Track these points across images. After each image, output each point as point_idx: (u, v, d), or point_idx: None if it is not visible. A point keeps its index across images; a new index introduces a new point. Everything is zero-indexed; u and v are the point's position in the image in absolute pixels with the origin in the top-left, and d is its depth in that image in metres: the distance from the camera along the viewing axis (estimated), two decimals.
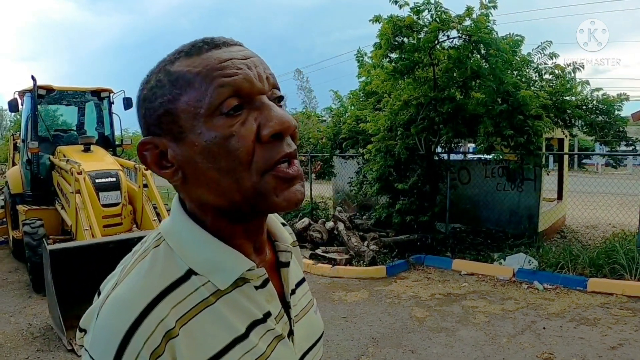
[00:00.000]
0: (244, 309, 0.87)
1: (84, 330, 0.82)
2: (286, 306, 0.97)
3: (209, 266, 0.85)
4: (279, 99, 0.87)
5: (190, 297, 0.81)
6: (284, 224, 1.13)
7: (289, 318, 0.96)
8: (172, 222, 0.91)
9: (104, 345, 0.75)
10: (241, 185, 0.80)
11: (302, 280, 1.10)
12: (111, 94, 10.14)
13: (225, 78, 0.80)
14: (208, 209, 0.87)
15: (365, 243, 9.47)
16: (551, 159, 12.70)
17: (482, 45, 8.59)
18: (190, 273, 0.84)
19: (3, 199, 11.55)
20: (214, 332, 0.82)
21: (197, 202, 0.88)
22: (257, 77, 0.82)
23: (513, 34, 9.37)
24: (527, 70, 9.77)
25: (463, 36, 8.71)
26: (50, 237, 8.13)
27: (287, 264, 1.00)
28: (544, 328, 5.93)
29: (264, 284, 0.91)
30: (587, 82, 9.73)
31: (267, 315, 0.90)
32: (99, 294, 0.86)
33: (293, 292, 1.01)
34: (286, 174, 0.82)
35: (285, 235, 1.05)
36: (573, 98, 9.72)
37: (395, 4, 8.69)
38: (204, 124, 0.79)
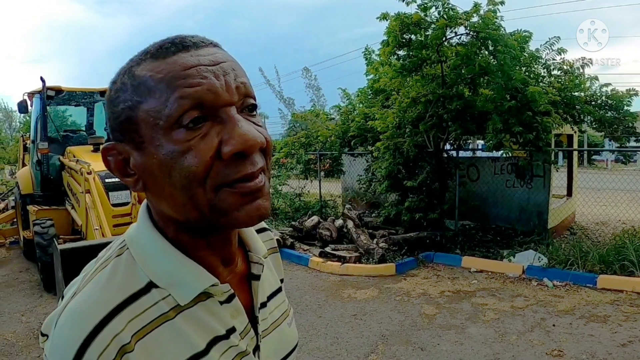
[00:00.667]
0: (205, 325, 0.84)
1: (45, 335, 0.80)
2: (254, 320, 0.94)
3: (170, 280, 0.82)
4: (251, 108, 0.82)
5: (148, 311, 0.79)
6: (264, 229, 1.10)
7: (256, 333, 0.93)
8: (137, 230, 0.88)
9: (59, 356, 0.73)
10: (196, 202, 0.77)
11: (278, 290, 1.07)
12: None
13: (187, 89, 0.74)
14: (169, 221, 0.84)
15: (375, 241, 9.48)
16: (560, 155, 12.64)
17: (490, 42, 8.57)
18: (150, 285, 0.81)
19: (14, 200, 11.63)
20: (172, 347, 0.79)
21: (158, 213, 0.85)
22: (223, 87, 0.77)
23: (521, 30, 9.35)
24: (536, 67, 9.74)
25: (471, 33, 8.68)
26: (61, 236, 8.18)
27: (258, 277, 0.97)
28: (554, 325, 5.91)
29: (229, 299, 0.88)
30: (596, 78, 9.71)
31: (231, 331, 0.87)
32: (63, 298, 0.84)
33: (264, 305, 0.98)
34: (244, 188, 0.78)
35: (259, 245, 1.01)
36: (582, 94, 9.69)
37: (402, 1, 8.69)
38: (163, 136, 0.75)
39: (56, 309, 0.80)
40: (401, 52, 9.39)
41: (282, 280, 1.14)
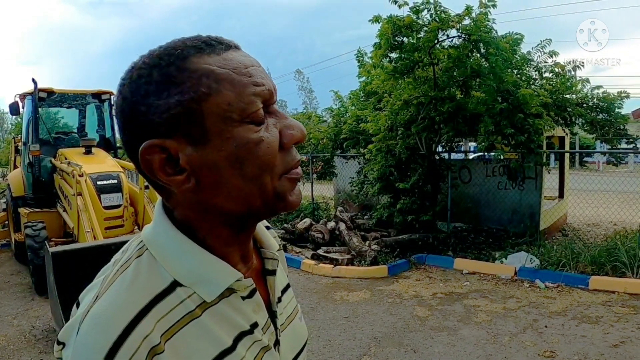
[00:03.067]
0: (230, 321, 0.84)
1: (62, 344, 0.78)
2: (272, 315, 0.95)
3: (195, 277, 0.82)
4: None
5: (175, 310, 0.78)
6: (268, 227, 1.09)
7: (275, 327, 0.94)
8: (155, 230, 0.87)
9: None
10: (264, 190, 0.81)
11: (287, 287, 1.08)
12: (112, 96, 10.14)
13: (257, 87, 0.80)
14: (214, 217, 0.83)
15: (367, 243, 9.48)
16: (552, 157, 12.69)
17: (481, 44, 8.60)
18: (174, 284, 0.80)
19: (5, 202, 11.57)
20: (200, 345, 0.79)
21: (204, 209, 0.83)
22: (274, 89, 0.84)
23: (512, 32, 9.39)
24: (527, 69, 9.78)
25: (462, 35, 8.71)
26: (52, 239, 8.14)
27: (273, 272, 0.98)
28: (546, 326, 5.93)
29: (251, 294, 0.89)
30: (587, 80, 9.77)
31: (254, 326, 0.88)
32: (78, 304, 0.83)
33: (279, 300, 0.99)
34: (296, 175, 0.85)
35: (272, 242, 1.02)
36: (573, 96, 9.75)
37: (395, 4, 8.69)
38: (235, 129, 0.77)
39: (75, 316, 0.79)
40: (393, 55, 9.40)
41: (287, 277, 1.15)
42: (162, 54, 0.80)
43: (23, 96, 9.59)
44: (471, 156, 12.84)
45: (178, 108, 0.76)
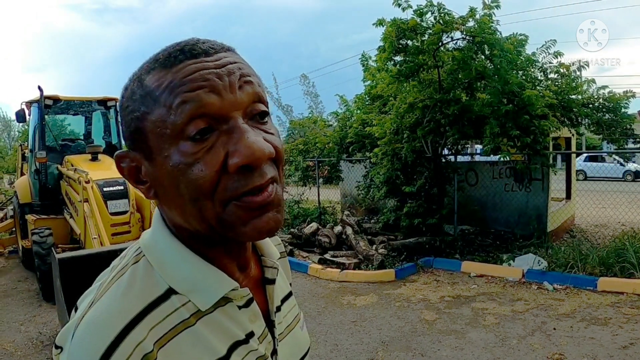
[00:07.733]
0: (225, 330, 0.83)
1: (59, 348, 0.78)
2: (270, 324, 0.93)
3: (190, 285, 0.81)
4: (261, 115, 0.80)
5: (169, 318, 0.78)
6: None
7: (273, 337, 0.93)
8: (152, 236, 0.87)
9: None
10: (204, 215, 0.76)
11: (289, 295, 1.07)
12: (117, 103, 10.17)
13: (189, 93, 0.73)
14: (182, 230, 0.83)
15: (374, 247, 9.47)
16: (559, 158, 12.65)
17: (486, 46, 8.60)
18: (170, 292, 0.80)
19: (12, 209, 11.62)
20: (194, 354, 0.78)
21: (171, 221, 0.84)
22: (227, 88, 0.75)
23: (517, 33, 9.37)
24: (532, 70, 9.75)
25: (467, 37, 8.71)
26: (59, 245, 8.17)
27: (273, 281, 0.96)
28: (554, 329, 5.90)
29: (247, 304, 0.88)
30: (593, 81, 9.71)
31: (250, 335, 0.87)
32: (76, 309, 0.83)
33: (278, 309, 0.98)
34: (252, 203, 0.75)
35: (272, 250, 1.00)
36: (579, 97, 9.69)
37: (399, 7, 8.71)
38: (171, 147, 0.74)
39: (72, 320, 0.79)
40: (398, 58, 9.40)
41: (290, 285, 1.13)
42: (143, 64, 0.82)
43: (29, 104, 9.64)
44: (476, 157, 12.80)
45: (132, 125, 0.79)
